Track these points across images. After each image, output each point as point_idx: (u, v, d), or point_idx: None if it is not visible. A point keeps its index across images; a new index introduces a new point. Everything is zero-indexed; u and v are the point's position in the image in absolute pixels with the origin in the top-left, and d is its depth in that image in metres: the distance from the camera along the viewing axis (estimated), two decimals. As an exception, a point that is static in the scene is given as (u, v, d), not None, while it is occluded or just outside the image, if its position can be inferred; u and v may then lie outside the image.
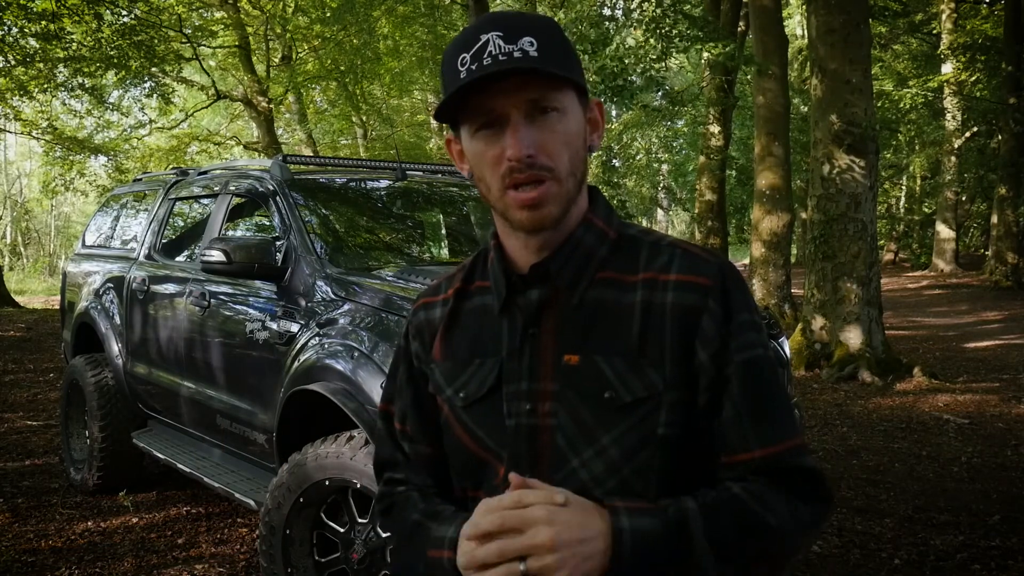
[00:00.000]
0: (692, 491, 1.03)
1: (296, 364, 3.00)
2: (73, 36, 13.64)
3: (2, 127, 16.84)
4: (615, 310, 1.06)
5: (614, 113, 23.49)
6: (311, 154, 20.60)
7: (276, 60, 19.12)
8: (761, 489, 1.02)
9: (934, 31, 20.32)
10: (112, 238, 5.09)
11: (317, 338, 2.97)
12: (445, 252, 4.14)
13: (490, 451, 1.10)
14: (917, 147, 24.06)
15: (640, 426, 1.03)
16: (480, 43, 1.01)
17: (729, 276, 1.07)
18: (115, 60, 14.38)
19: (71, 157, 18.39)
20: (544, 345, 1.08)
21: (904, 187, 26.87)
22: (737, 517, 0.98)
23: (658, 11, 10.01)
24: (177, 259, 4.31)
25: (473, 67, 1.00)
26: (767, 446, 1.03)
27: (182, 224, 4.62)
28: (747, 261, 13.00)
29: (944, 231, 21.20)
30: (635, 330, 1.04)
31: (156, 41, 14.81)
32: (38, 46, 13.74)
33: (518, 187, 1.03)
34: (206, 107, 20.22)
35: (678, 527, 0.96)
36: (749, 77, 13.37)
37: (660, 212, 36.29)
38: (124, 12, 13.70)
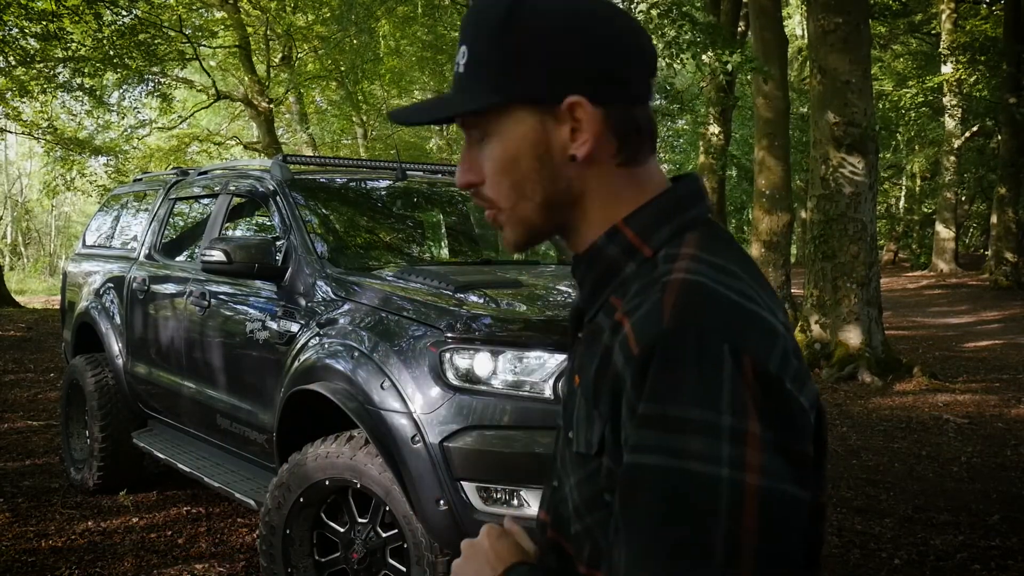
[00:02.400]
0: None
1: (296, 364, 3.00)
2: (73, 36, 13.64)
3: (2, 127, 16.83)
4: (598, 346, 0.85)
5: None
6: (311, 154, 20.61)
7: (276, 60, 19.11)
8: None
9: (934, 31, 20.33)
10: (112, 238, 5.09)
11: (317, 338, 2.98)
12: (445, 252, 4.15)
13: None
14: (917, 147, 24.07)
15: (589, 482, 0.84)
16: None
17: (661, 349, 0.74)
18: (115, 60, 14.38)
19: (72, 157, 18.39)
20: (575, 356, 0.94)
21: (904, 187, 26.88)
22: None
23: (665, 21, 9.90)
24: (177, 259, 4.31)
25: None
26: None
27: (182, 224, 4.62)
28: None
29: (944, 231, 21.20)
30: (593, 376, 0.84)
31: (157, 41, 14.82)
32: (38, 46, 13.74)
33: None
34: (206, 107, 20.22)
35: None
36: (749, 78, 13.36)
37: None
38: (124, 12, 13.71)
